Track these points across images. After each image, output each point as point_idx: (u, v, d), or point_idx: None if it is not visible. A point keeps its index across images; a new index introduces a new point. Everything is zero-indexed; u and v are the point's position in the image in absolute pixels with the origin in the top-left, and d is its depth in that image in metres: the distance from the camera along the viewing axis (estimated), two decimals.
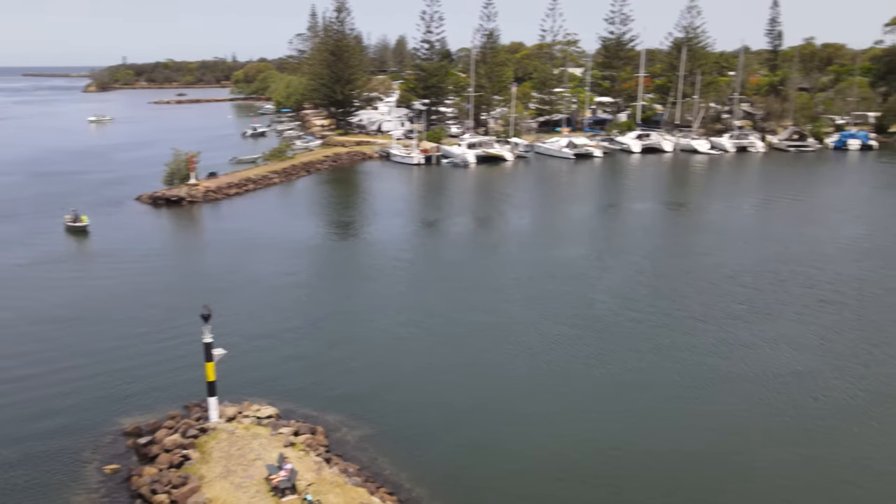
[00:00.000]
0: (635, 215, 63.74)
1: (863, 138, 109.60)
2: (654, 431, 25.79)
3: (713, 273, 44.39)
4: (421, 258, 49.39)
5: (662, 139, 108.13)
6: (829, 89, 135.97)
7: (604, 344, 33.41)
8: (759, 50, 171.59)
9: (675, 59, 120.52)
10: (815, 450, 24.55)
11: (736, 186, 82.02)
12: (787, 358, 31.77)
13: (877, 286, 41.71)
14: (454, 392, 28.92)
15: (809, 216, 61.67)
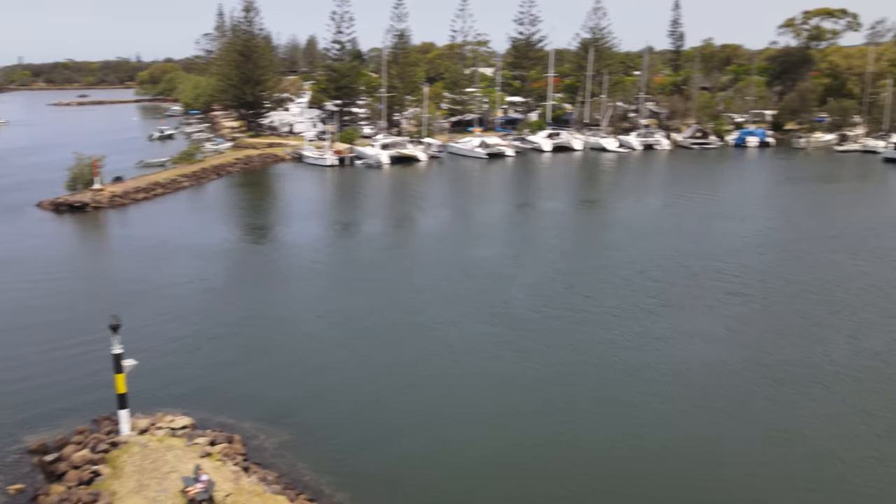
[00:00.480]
0: (549, 213, 64.86)
1: (760, 136, 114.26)
2: (575, 426, 26.28)
3: (626, 268, 45.58)
4: (338, 260, 49.15)
5: (572, 138, 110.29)
6: (729, 88, 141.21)
7: (523, 341, 33.91)
8: (663, 50, 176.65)
9: (583, 60, 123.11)
10: (727, 436, 25.42)
11: (644, 183, 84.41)
12: (698, 350, 32.89)
13: (779, 278, 43.56)
14: (374, 394, 28.90)
15: (714, 211, 63.93)
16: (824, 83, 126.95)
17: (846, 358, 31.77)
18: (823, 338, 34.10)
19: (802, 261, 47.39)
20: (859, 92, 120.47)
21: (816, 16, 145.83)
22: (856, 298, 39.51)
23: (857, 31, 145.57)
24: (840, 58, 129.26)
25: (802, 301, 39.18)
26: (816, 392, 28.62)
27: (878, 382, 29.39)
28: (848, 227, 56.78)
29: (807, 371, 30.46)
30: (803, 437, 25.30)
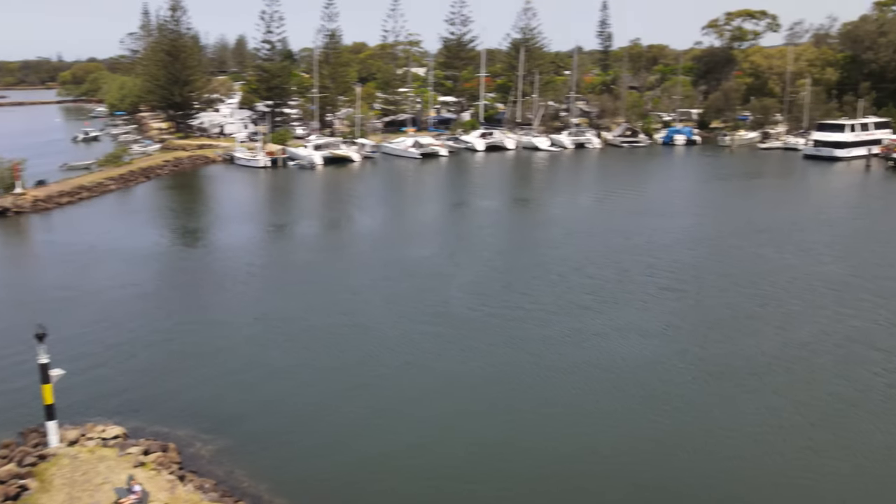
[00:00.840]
0: (484, 212, 65.18)
1: (687, 134, 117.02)
2: (519, 424, 26.37)
3: (561, 265, 46.05)
4: (274, 263, 48.41)
5: (505, 137, 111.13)
6: (656, 88, 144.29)
7: (466, 340, 33.92)
8: (592, 50, 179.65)
9: (514, 60, 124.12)
10: (668, 431, 25.83)
11: (577, 181, 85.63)
12: (636, 344, 33.38)
13: (710, 272, 44.55)
14: (314, 397, 28.54)
15: (645, 208, 65.12)
16: (747, 82, 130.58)
17: (777, 349, 32.66)
18: (755, 330, 35.00)
19: (731, 255, 48.62)
20: (780, 91, 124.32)
21: (738, 17, 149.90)
22: (783, 291, 40.67)
23: (776, 31, 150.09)
24: (761, 58, 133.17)
25: (733, 294, 40.16)
26: (752, 384, 29.33)
27: (808, 372, 30.29)
28: (773, 222, 58.49)
29: (741, 363, 31.21)
30: (742, 430, 25.87)
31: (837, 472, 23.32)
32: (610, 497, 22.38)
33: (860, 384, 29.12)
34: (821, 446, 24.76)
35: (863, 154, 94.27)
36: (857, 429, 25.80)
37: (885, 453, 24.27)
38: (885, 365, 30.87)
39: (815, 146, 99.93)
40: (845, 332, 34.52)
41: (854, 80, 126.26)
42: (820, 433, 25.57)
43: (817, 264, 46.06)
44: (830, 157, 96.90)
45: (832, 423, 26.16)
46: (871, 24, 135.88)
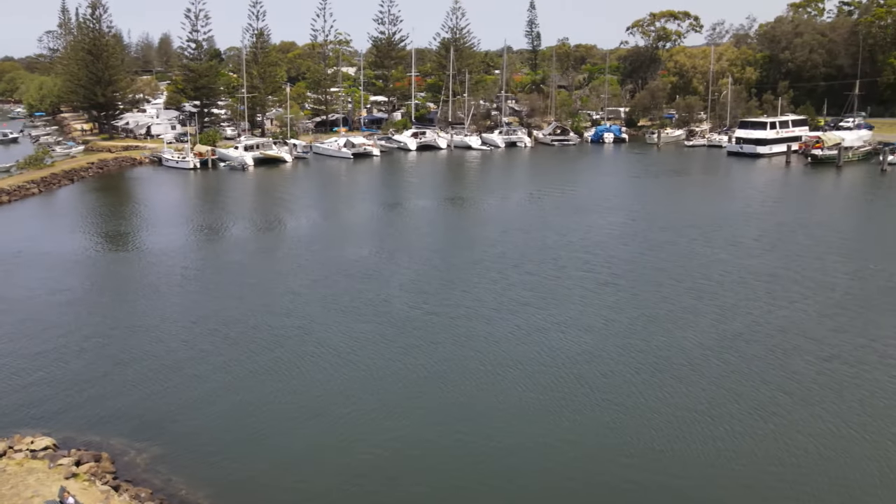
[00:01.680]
0: (419, 212, 65.08)
1: (616, 132, 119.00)
2: (462, 422, 26.27)
3: (500, 263, 46.21)
4: (206, 266, 47.30)
5: (437, 137, 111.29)
6: (585, 87, 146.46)
7: (406, 339, 33.70)
8: (521, 49, 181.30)
9: (444, 59, 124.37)
10: (606, 422, 26.15)
11: (510, 180, 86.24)
12: (577, 339, 33.67)
13: (645, 267, 45.28)
14: (253, 400, 27.94)
15: (578, 205, 65.94)
16: (672, 81, 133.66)
17: (714, 341, 33.35)
18: (692, 323, 35.68)
19: (665, 250, 49.53)
20: (703, 90, 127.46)
21: (662, 17, 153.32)
22: (717, 284, 41.60)
23: (699, 32, 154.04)
24: (685, 57, 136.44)
25: (669, 289, 40.87)
26: (690, 376, 29.87)
27: (743, 363, 30.99)
28: (702, 218, 59.86)
29: (680, 356, 31.75)
30: (681, 421, 26.31)
31: (774, 458, 23.88)
32: (551, 491, 22.48)
33: (793, 373, 29.91)
34: (759, 434, 25.33)
35: (783, 151, 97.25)
36: (791, 416, 26.48)
37: (817, 439, 24.96)
38: (816, 353, 31.78)
39: (738, 143, 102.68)
40: (777, 323, 35.47)
41: (773, 79, 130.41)
42: (757, 422, 26.16)
43: (747, 258, 47.26)
44: (753, 154, 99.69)
45: (768, 412, 26.79)
46: (787, 24, 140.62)
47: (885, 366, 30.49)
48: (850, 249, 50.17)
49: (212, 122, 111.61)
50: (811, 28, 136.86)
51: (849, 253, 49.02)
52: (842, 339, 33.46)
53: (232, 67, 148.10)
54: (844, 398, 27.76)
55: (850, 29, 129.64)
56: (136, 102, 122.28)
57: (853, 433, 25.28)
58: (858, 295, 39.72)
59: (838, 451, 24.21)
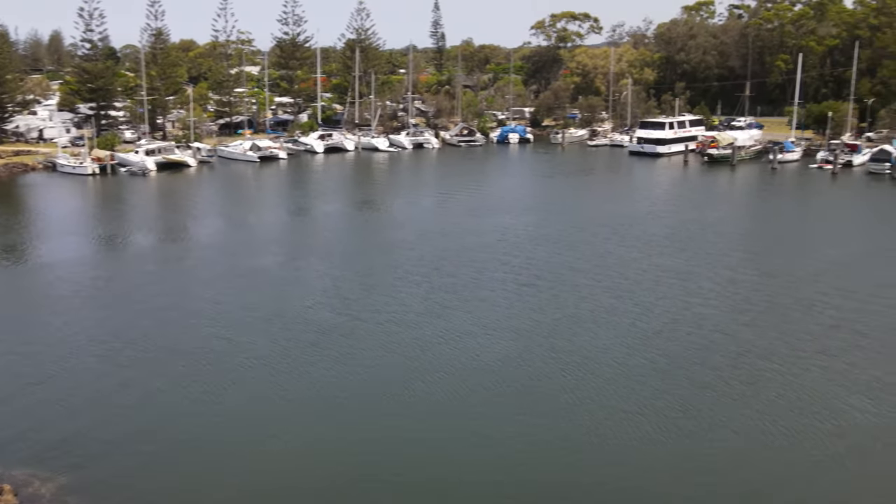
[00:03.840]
0: (331, 216, 64.39)
1: (521, 132, 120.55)
2: (391, 430, 26.13)
3: (420, 266, 46.10)
4: (106, 279, 44.93)
5: (344, 138, 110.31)
6: (490, 87, 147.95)
7: (329, 347, 33.19)
8: (425, 48, 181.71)
9: (350, 60, 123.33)
10: (534, 422, 26.45)
11: (420, 182, 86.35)
12: (503, 341, 33.95)
13: (563, 267, 45.99)
14: (164, 421, 26.79)
15: (490, 206, 66.49)
16: (575, 81, 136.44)
17: (634, 339, 34.21)
18: (612, 322, 36.53)
19: (580, 250, 50.52)
20: (605, 90, 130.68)
21: (563, 18, 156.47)
22: (633, 283, 42.67)
23: (598, 33, 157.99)
24: (586, 58, 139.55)
25: (587, 288, 41.67)
26: (614, 374, 30.53)
27: (664, 360, 31.87)
28: (612, 217, 61.32)
29: (603, 355, 32.43)
30: (607, 418, 26.90)
31: (698, 452, 24.72)
32: (476, 493, 22.62)
33: (712, 368, 30.97)
34: (685, 432, 26.12)
35: (681, 150, 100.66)
36: (713, 410, 27.43)
37: (738, 433, 25.94)
38: (730, 347, 33.03)
39: (639, 143, 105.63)
40: (693, 320, 36.67)
41: (670, 80, 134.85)
42: (685, 421, 26.96)
43: (659, 256, 48.68)
44: (653, 154, 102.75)
45: (691, 407, 27.66)
46: (682, 27, 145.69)
47: (797, 358, 31.92)
48: (752, 246, 52.43)
49: (109, 125, 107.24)
50: (704, 30, 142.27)
51: (752, 249, 51.21)
52: (753, 333, 34.87)
53: (129, 66, 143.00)
54: (760, 391, 28.91)
55: (740, 31, 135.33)
56: (27, 104, 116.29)
57: (772, 426, 26.35)
58: (765, 290, 41.48)
59: (758, 444, 25.21)
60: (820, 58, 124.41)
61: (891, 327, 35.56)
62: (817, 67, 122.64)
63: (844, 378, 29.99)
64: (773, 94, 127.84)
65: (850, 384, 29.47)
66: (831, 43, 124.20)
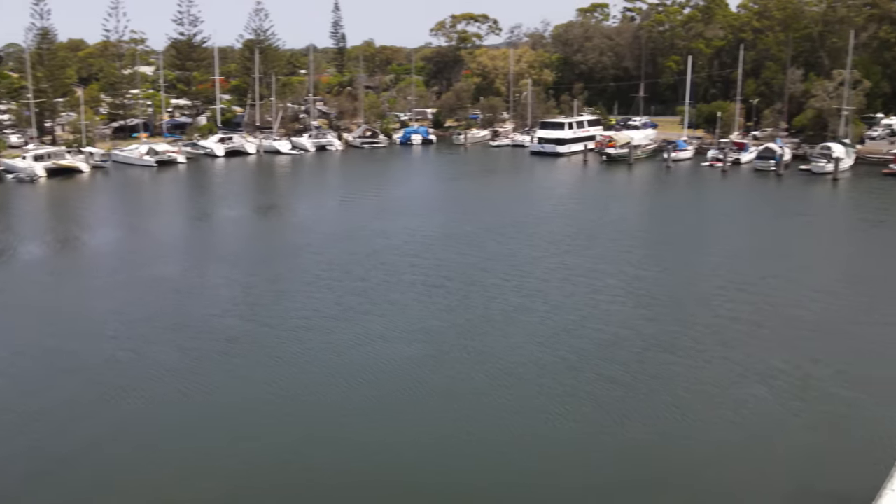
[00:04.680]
0: (235, 222, 63.14)
1: (423, 133, 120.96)
2: (297, 435, 25.95)
3: (329, 271, 45.59)
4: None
5: (245, 141, 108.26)
6: (392, 88, 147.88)
7: (239, 355, 32.57)
8: (326, 48, 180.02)
9: (249, 61, 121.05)
10: (452, 423, 26.66)
11: (325, 185, 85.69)
12: (416, 344, 34.02)
13: (472, 268, 46.33)
14: (54, 439, 26.01)
15: (398, 208, 66.51)
16: (476, 82, 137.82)
17: (545, 337, 34.80)
18: (522, 321, 37.09)
19: (489, 250, 51.02)
20: (505, 91, 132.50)
21: (462, 20, 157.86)
22: (543, 282, 43.40)
23: (498, 34, 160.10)
24: (487, 59, 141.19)
25: (497, 288, 42.13)
26: (528, 373, 31.01)
27: (575, 356, 32.59)
28: (518, 216, 62.37)
29: (514, 353, 32.89)
30: (519, 417, 27.35)
31: (608, 445, 25.45)
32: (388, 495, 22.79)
33: (619, 362, 31.84)
34: (598, 429, 26.83)
35: (580, 150, 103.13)
36: (622, 404, 28.23)
37: (644, 424, 26.82)
38: (636, 341, 34.01)
39: (540, 143, 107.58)
40: (600, 317, 37.65)
41: (568, 81, 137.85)
42: (591, 411, 27.69)
43: (565, 254, 49.74)
44: (553, 153, 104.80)
45: (601, 402, 28.41)
46: (578, 28, 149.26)
47: (699, 351, 33.22)
48: (653, 243, 54.24)
49: None
50: (599, 32, 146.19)
51: (653, 246, 52.98)
52: (658, 327, 36.07)
53: (12, 66, 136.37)
54: (667, 384, 29.95)
55: (634, 33, 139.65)
56: None
57: (679, 418, 27.36)
58: (666, 285, 42.99)
59: (666, 435, 26.14)
60: (708, 59, 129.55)
61: (783, 317, 37.39)
62: (706, 69, 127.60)
63: (744, 368, 31.35)
64: (665, 95, 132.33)
65: (750, 374, 30.83)
66: (718, 45, 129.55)
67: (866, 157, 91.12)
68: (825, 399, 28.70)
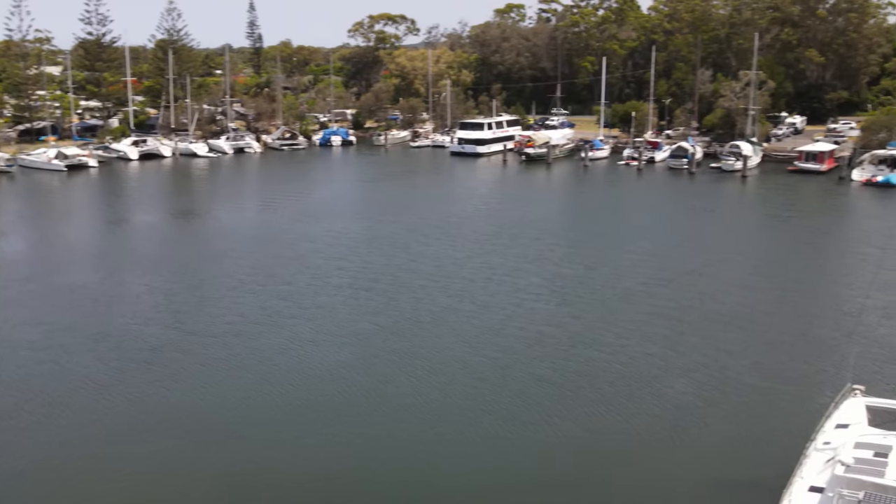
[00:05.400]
0: (151, 227, 61.68)
1: (343, 135, 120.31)
2: (227, 443, 25.64)
3: (254, 276, 44.99)
4: None
5: (160, 144, 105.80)
6: (311, 89, 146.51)
7: (165, 364, 31.84)
8: (242, 48, 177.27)
9: (162, 62, 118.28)
10: (384, 429, 26.68)
11: (244, 188, 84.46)
12: (345, 347, 33.87)
13: (398, 269, 46.44)
14: None
15: (320, 211, 66.03)
16: (395, 83, 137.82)
17: (472, 336, 35.12)
18: (450, 321, 37.36)
19: (413, 251, 51.22)
20: (425, 91, 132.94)
21: (380, 20, 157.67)
22: (468, 282, 43.79)
23: (416, 35, 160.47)
24: (405, 59, 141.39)
25: (424, 290, 42.29)
26: (455, 373, 31.31)
27: (503, 356, 33.01)
28: (441, 217, 62.70)
29: (443, 354, 33.12)
30: (450, 418, 27.64)
31: (537, 442, 25.95)
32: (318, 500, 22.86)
33: (547, 360, 32.40)
34: (523, 422, 27.26)
35: (500, 150, 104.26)
36: (550, 402, 28.77)
37: (573, 420, 27.44)
38: (562, 339, 34.64)
39: (460, 144, 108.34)
40: (526, 315, 38.22)
41: (486, 81, 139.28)
42: (520, 410, 28.13)
43: (489, 254, 50.27)
44: (473, 154, 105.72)
45: (529, 400, 28.88)
46: (495, 29, 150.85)
47: (623, 346, 34.08)
48: (574, 241, 55.35)
49: None
50: (516, 33, 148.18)
51: (574, 244, 54.09)
52: (582, 325, 36.87)
53: None
54: (594, 380, 30.64)
55: (550, 34, 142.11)
56: None
57: (605, 413, 28.06)
58: (589, 283, 43.92)
59: (594, 431, 26.81)
60: (622, 60, 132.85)
61: (701, 311, 38.73)
62: (620, 69, 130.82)
63: (665, 363, 32.34)
64: (581, 94, 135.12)
65: (671, 368, 31.82)
66: (631, 46, 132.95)
67: (772, 155, 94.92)
68: (741, 390, 29.83)
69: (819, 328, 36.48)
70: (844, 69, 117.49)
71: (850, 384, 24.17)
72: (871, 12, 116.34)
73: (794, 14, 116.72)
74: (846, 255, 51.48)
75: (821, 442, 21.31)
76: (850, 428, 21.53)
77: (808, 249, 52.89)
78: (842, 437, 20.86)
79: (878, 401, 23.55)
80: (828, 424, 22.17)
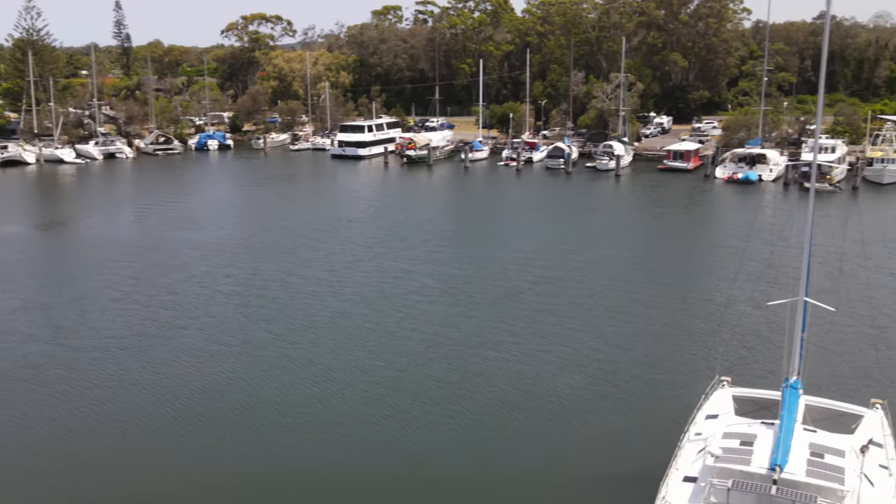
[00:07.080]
0: (17, 239, 58.58)
1: (220, 138, 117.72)
2: (119, 463, 24.99)
3: (136, 287, 43.61)
4: None
5: (23, 150, 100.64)
6: (185, 91, 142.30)
7: (46, 382, 30.54)
8: (108, 47, 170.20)
9: (21, 63, 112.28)
10: (279, 438, 26.62)
11: (116, 195, 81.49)
12: (240, 357, 33.38)
13: (288, 274, 46.03)
14: None
15: (200, 218, 64.40)
16: (272, 85, 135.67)
17: (369, 341, 35.33)
18: (345, 326, 37.34)
19: (301, 256, 50.74)
20: (303, 93, 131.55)
21: (254, 20, 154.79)
22: (360, 285, 43.87)
23: (292, 36, 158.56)
24: (283, 61, 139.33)
25: (316, 295, 42.11)
26: (353, 378, 31.41)
27: (400, 359, 33.35)
28: (326, 220, 62.41)
29: (340, 360, 33.18)
30: (349, 423, 27.79)
31: (437, 443, 26.48)
32: None
33: (444, 361, 32.97)
34: (422, 423, 27.74)
35: (381, 152, 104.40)
36: (450, 402, 29.32)
37: (473, 419, 28.12)
38: (458, 339, 35.27)
39: (341, 146, 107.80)
40: (421, 316, 38.66)
41: (366, 83, 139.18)
42: (420, 412, 28.59)
43: (379, 257, 50.43)
44: (355, 157, 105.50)
45: (429, 401, 29.38)
46: (373, 31, 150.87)
47: (517, 345, 34.97)
48: (461, 241, 56.18)
49: None
50: (394, 35, 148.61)
51: (461, 245, 54.92)
52: (476, 325, 37.58)
53: None
54: (491, 379, 31.35)
55: (427, 36, 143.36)
56: None
57: (504, 411, 28.84)
58: (480, 283, 44.73)
59: (492, 428, 27.52)
60: (499, 62, 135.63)
61: (589, 307, 40.20)
62: (497, 71, 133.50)
63: (559, 359, 33.37)
64: (460, 96, 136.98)
65: (566, 364, 32.84)
66: (507, 48, 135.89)
67: (643, 154, 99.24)
68: (628, 383, 31.14)
69: (693, 319, 38.48)
70: (706, 71, 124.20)
71: (719, 375, 25.58)
72: (729, 17, 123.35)
73: (659, 18, 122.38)
74: (714, 248, 54.43)
75: (693, 433, 22.52)
76: (718, 418, 22.81)
77: (680, 244, 55.71)
78: (711, 427, 22.03)
79: (744, 391, 24.93)
80: (699, 416, 23.45)
